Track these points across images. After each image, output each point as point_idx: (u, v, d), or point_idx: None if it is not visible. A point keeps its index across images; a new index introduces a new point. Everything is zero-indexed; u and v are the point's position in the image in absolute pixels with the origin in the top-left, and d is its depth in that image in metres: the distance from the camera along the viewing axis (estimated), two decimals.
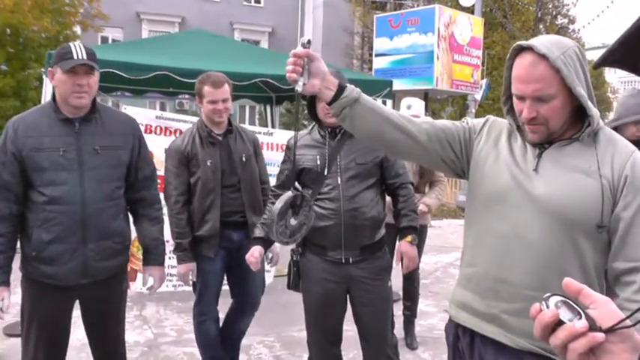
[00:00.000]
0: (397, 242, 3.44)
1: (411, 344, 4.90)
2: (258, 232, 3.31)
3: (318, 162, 3.13)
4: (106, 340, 3.06)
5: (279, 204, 2.49)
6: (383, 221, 3.26)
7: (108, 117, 2.94)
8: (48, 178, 2.73)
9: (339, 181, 3.11)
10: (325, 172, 3.12)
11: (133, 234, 3.19)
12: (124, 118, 3.11)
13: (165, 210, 3.56)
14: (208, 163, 3.71)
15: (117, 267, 2.95)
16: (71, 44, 2.81)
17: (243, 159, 3.81)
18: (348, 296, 3.26)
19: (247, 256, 3.24)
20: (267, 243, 3.30)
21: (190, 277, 3.74)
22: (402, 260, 3.34)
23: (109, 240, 2.86)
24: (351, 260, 3.15)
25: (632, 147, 1.82)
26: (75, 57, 2.72)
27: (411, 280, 4.98)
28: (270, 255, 4.03)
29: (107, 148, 2.85)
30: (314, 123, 3.28)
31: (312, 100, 3.19)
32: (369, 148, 3.11)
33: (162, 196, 3.85)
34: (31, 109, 2.96)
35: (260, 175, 3.97)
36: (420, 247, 4.93)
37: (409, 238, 3.26)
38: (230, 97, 3.74)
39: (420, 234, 4.74)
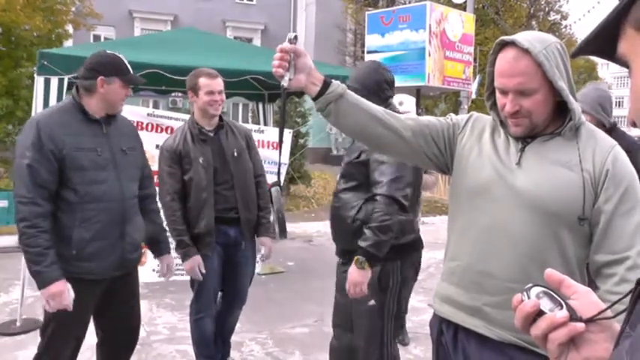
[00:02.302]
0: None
1: (403, 340, 4.91)
2: None
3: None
4: (132, 321, 3.31)
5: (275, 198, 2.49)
6: (362, 229, 2.93)
7: (120, 121, 3.12)
8: (89, 177, 2.84)
9: (337, 178, 3.17)
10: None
11: None
12: (128, 122, 3.31)
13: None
14: (200, 161, 3.73)
15: (139, 258, 3.23)
16: (120, 56, 3.01)
17: (235, 154, 3.83)
18: None
19: None
20: None
21: (199, 270, 3.72)
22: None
23: (137, 234, 3.09)
24: (341, 261, 3.16)
25: (613, 142, 1.85)
26: (131, 70, 2.99)
27: None
28: (262, 250, 4.05)
29: (131, 149, 3.08)
30: None
31: None
32: (355, 148, 3.05)
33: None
34: (50, 109, 3.10)
35: (255, 169, 3.98)
36: None
37: (355, 258, 2.85)
38: (222, 91, 3.81)
39: None
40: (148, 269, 5.65)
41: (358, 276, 2.84)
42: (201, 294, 3.88)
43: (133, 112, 5.79)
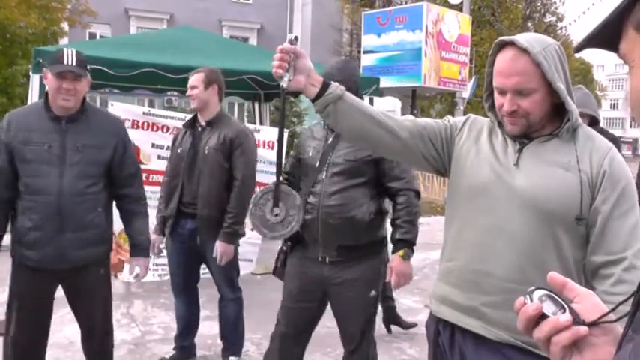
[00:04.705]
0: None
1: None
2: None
3: (310, 154, 3.14)
4: (87, 322, 3.27)
5: (258, 193, 2.55)
6: (372, 224, 3.07)
7: (95, 118, 3.16)
8: (31, 170, 2.97)
9: (324, 177, 3.04)
10: (316, 165, 3.08)
11: (120, 226, 3.45)
12: (111, 119, 3.39)
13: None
14: (178, 151, 4.03)
15: (96, 256, 3.16)
16: (65, 49, 3.05)
17: (206, 151, 3.91)
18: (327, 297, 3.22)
19: None
20: None
21: (157, 247, 4.12)
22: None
23: (85, 231, 3.06)
24: (327, 260, 3.07)
25: (610, 144, 1.87)
26: (65, 62, 2.95)
27: None
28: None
29: (89, 147, 3.05)
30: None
31: None
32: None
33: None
34: (27, 105, 3.27)
35: (234, 171, 3.89)
36: None
37: (401, 252, 3.05)
38: (201, 86, 3.97)
39: None
40: None
41: (406, 267, 3.06)
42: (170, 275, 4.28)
43: (128, 110, 5.79)
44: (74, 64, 2.96)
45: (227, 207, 3.86)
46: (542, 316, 0.90)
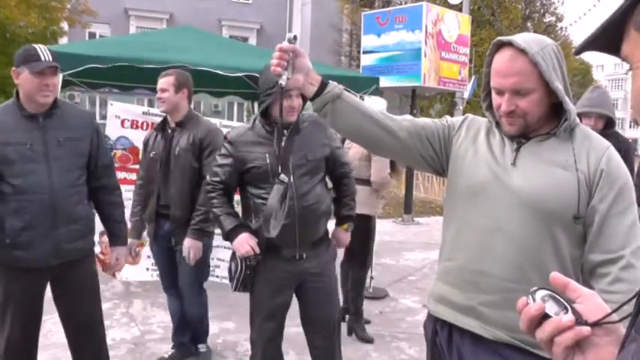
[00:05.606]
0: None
1: (363, 337, 4.97)
2: (229, 223, 3.15)
3: (268, 160, 3.05)
4: (79, 316, 3.26)
5: (273, 200, 2.57)
6: (331, 213, 3.36)
7: (67, 111, 3.17)
8: (17, 170, 2.94)
9: (292, 179, 3.00)
10: (279, 171, 2.94)
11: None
12: (82, 112, 3.41)
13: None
14: (151, 155, 4.04)
15: (85, 248, 3.23)
16: (35, 46, 3.06)
17: (177, 153, 3.93)
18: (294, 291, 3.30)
19: (241, 244, 3.08)
20: (246, 228, 3.18)
21: (133, 250, 4.29)
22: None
23: (76, 223, 3.11)
24: (304, 256, 3.15)
25: (607, 143, 1.87)
26: (43, 59, 2.96)
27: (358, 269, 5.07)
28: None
29: (69, 140, 3.08)
30: (254, 118, 3.28)
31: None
32: (318, 144, 3.16)
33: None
34: None
35: (202, 171, 3.88)
36: (370, 237, 5.11)
37: (345, 226, 3.54)
38: (172, 90, 3.94)
39: (368, 224, 4.99)
40: (142, 268, 5.63)
41: (348, 238, 3.62)
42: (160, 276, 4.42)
43: (128, 110, 5.79)
44: (51, 59, 2.98)
45: (195, 206, 3.87)
46: (545, 317, 0.89)
